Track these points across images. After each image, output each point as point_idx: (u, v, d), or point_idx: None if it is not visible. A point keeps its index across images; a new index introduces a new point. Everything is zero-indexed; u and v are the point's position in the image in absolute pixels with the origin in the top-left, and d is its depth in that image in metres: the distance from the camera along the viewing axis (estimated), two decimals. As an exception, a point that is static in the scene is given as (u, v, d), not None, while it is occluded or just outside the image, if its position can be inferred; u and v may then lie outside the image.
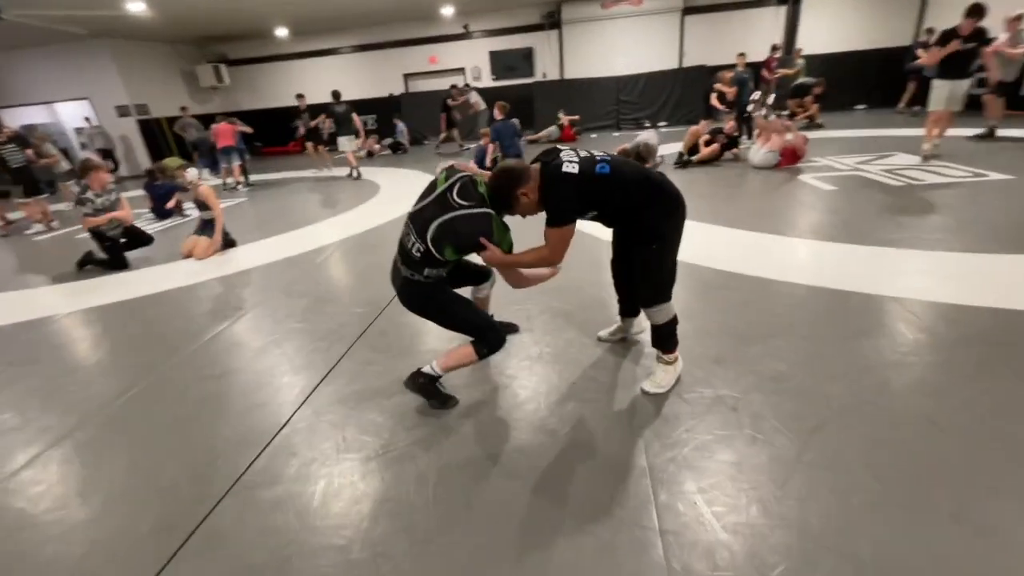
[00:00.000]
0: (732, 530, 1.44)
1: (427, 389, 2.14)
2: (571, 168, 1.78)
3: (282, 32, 12.27)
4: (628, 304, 2.44)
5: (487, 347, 2.05)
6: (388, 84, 13.28)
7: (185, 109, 11.06)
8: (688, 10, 11.40)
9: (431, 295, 2.04)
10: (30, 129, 9.07)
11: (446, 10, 11.31)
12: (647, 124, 11.28)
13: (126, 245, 4.83)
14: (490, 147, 7.72)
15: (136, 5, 7.89)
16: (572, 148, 1.91)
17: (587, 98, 11.51)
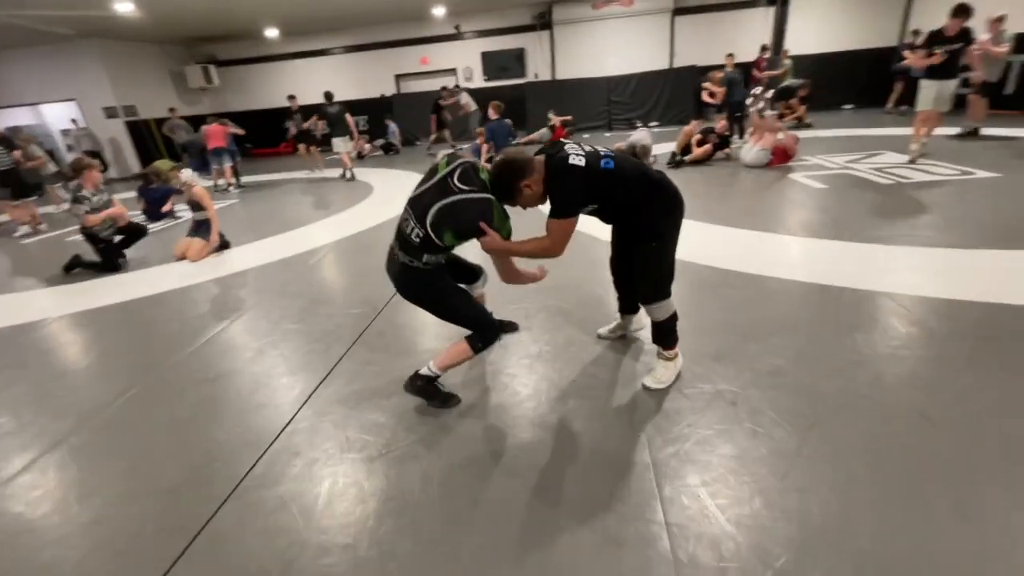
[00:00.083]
0: (736, 522, 1.46)
1: (427, 390, 2.14)
2: (578, 161, 1.78)
3: (272, 33, 12.19)
4: (627, 301, 2.46)
5: (482, 341, 2.03)
6: (379, 85, 13.24)
7: (174, 110, 10.98)
8: (678, 11, 11.49)
9: (429, 282, 2.00)
10: (15, 131, 8.91)
11: (437, 11, 11.30)
12: (638, 124, 11.33)
13: (124, 242, 4.79)
14: (484, 147, 7.73)
15: (124, 5, 7.80)
16: (576, 142, 1.90)
17: (579, 98, 11.55)
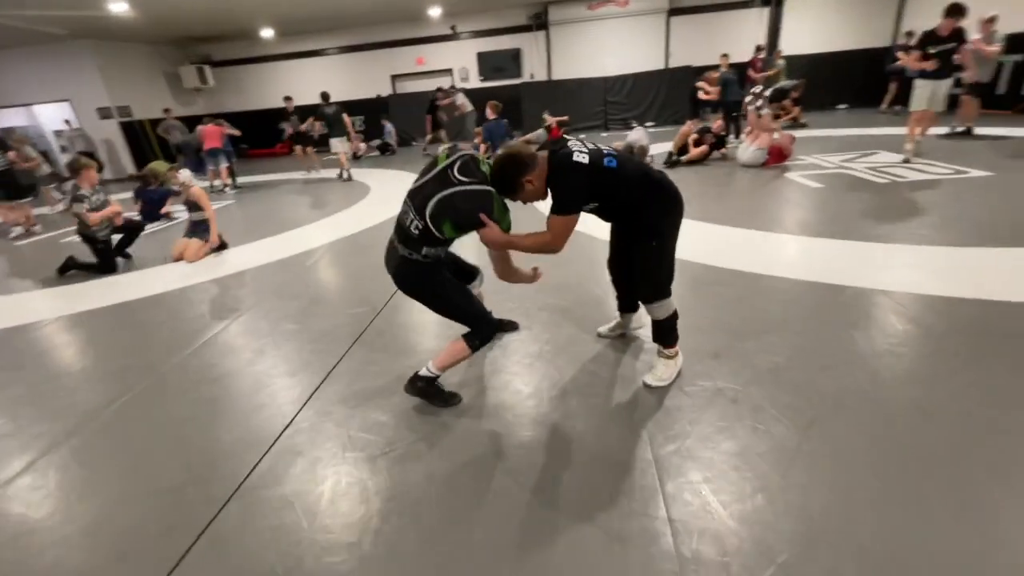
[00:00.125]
0: (738, 518, 1.47)
1: (427, 391, 2.14)
2: (582, 158, 1.79)
3: (268, 33, 12.15)
4: (626, 300, 2.47)
5: (479, 339, 2.03)
6: (376, 85, 13.22)
7: (168, 111, 10.91)
8: (673, 11, 11.53)
9: (427, 276, 1.99)
10: (8, 132, 8.86)
11: (433, 11, 11.30)
12: (634, 124, 11.35)
13: (125, 240, 4.79)
14: (482, 147, 7.73)
15: (119, 5, 7.77)
16: (579, 139, 1.91)
17: (575, 99, 11.58)
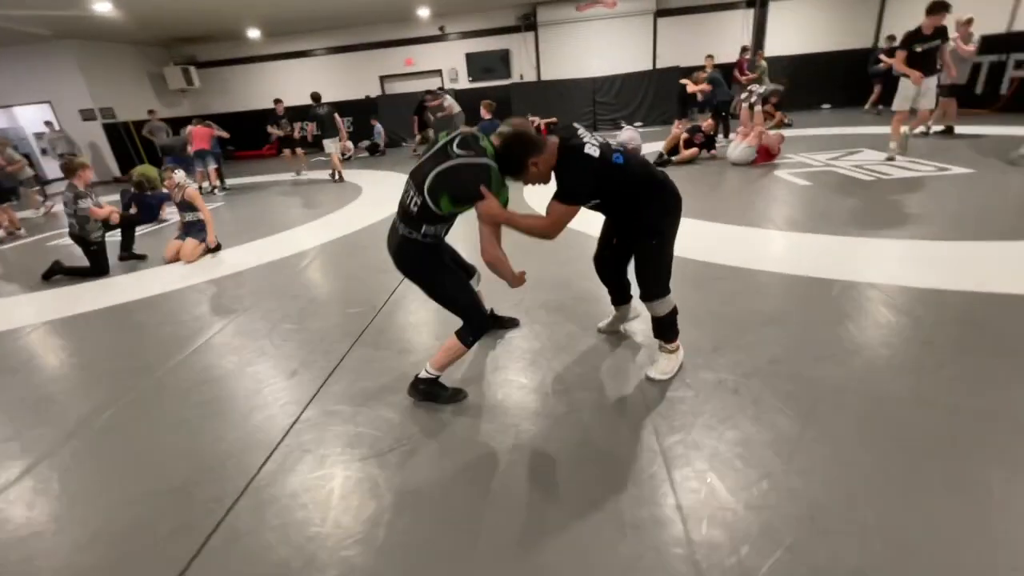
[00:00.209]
0: (746, 504, 1.51)
1: (431, 392, 2.16)
2: (592, 151, 1.81)
3: (254, 33, 12.05)
4: (618, 293, 2.50)
5: (472, 332, 2.04)
6: (364, 86, 13.17)
7: (153, 112, 10.77)
8: (660, 12, 11.65)
9: (425, 257, 2.00)
10: (-11, 135, 8.69)
11: (422, 12, 11.29)
12: (623, 124, 11.46)
13: (129, 237, 4.80)
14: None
15: (103, 5, 7.65)
16: (589, 131, 1.92)
17: (564, 99, 11.65)
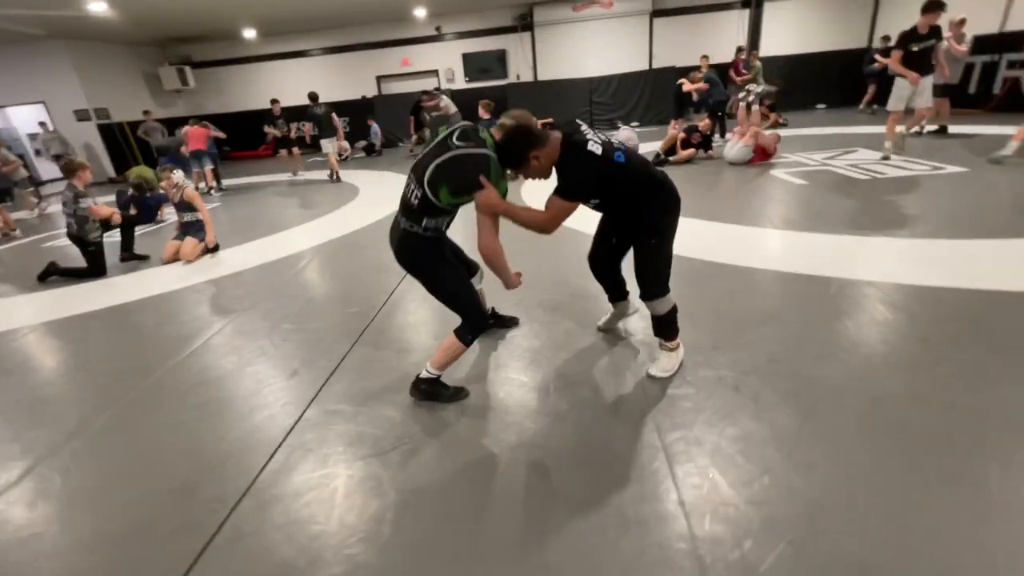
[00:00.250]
0: (748, 499, 1.53)
1: (432, 392, 2.17)
2: (596, 148, 1.82)
3: (250, 33, 12.00)
4: (614, 290, 2.50)
5: (470, 330, 2.05)
6: (361, 86, 13.15)
7: (148, 113, 10.73)
8: (656, 13, 11.69)
9: (427, 250, 2.01)
10: (-18, 135, 8.64)
11: (418, 12, 11.29)
12: (620, 124, 11.49)
13: (127, 239, 4.77)
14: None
15: (98, 5, 7.62)
16: (591, 128, 1.93)
17: (561, 99, 11.66)
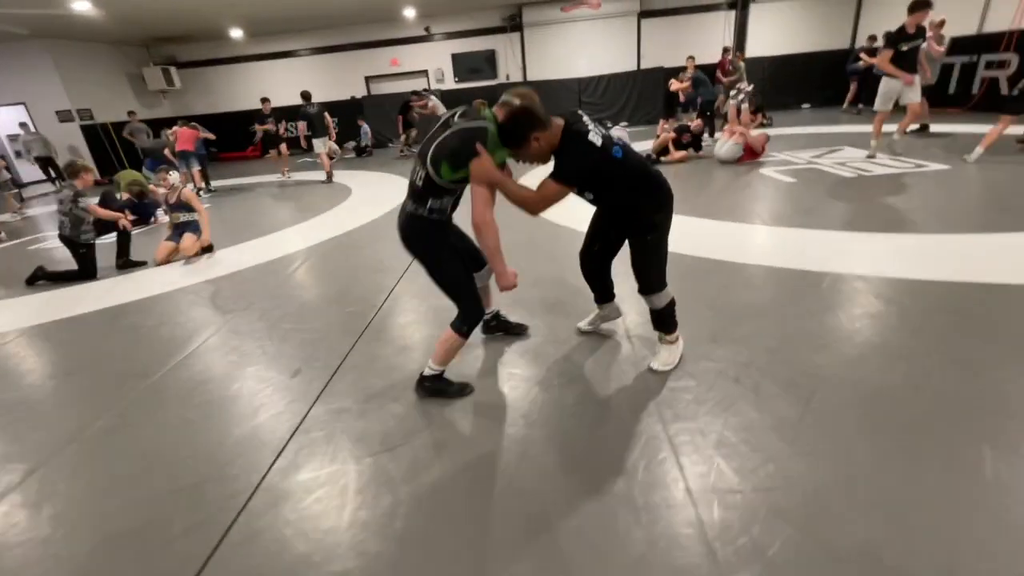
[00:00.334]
0: (753, 486, 1.57)
1: (436, 389, 2.19)
2: (596, 139, 1.84)
3: (237, 33, 11.89)
4: (602, 291, 2.51)
5: (466, 322, 2.07)
6: (350, 87, 13.09)
7: (133, 114, 10.59)
8: (644, 13, 11.80)
9: (432, 233, 2.03)
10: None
11: (407, 12, 11.27)
12: (609, 124, 11.59)
13: (123, 246, 4.70)
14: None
15: (81, 4, 7.49)
16: (592, 121, 1.93)
17: (551, 99, 11.53)
